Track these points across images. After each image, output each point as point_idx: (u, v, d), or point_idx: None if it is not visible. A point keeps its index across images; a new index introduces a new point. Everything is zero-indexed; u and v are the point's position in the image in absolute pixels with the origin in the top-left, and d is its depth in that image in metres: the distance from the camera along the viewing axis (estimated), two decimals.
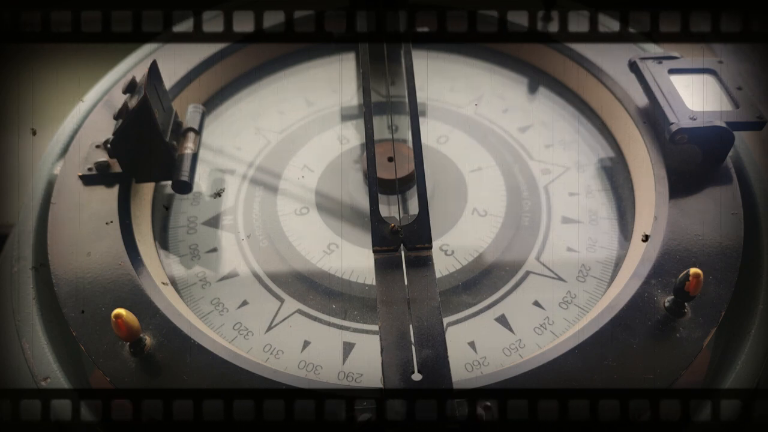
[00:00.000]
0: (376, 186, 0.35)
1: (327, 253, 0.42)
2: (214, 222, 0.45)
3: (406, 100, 0.53)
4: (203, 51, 0.51)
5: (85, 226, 0.39)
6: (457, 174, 0.47)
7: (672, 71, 0.42)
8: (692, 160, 0.40)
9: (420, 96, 0.53)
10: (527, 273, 0.41)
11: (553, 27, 0.52)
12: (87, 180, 0.41)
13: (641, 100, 0.45)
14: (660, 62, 0.43)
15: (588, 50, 0.49)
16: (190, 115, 0.43)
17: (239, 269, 0.42)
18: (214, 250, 0.43)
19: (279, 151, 0.50)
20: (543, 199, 0.46)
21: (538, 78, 0.53)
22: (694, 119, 0.38)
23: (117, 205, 0.40)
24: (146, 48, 0.52)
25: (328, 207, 0.45)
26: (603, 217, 0.44)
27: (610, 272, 0.41)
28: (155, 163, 0.40)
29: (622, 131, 0.46)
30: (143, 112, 0.37)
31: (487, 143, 0.49)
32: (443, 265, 0.41)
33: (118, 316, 0.30)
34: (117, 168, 0.41)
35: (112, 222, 0.38)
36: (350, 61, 0.56)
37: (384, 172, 0.43)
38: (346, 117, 0.52)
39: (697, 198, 0.39)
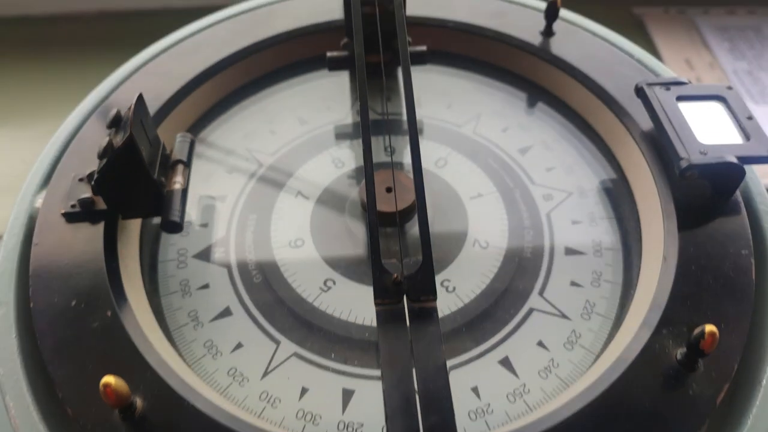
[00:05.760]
0: (377, 232, 0.33)
1: (323, 290, 0.41)
2: (205, 255, 0.43)
3: (403, 117, 0.51)
4: (189, 69, 0.49)
5: (70, 271, 0.37)
6: (457, 201, 0.45)
7: (680, 98, 0.41)
8: (701, 193, 0.39)
9: (417, 113, 0.51)
10: (531, 310, 0.40)
11: (555, 42, 0.50)
12: (70, 217, 0.39)
13: (647, 124, 0.43)
14: (668, 88, 0.41)
15: (593, 69, 0.47)
16: (178, 146, 0.41)
17: (233, 307, 0.41)
18: (206, 286, 0.42)
19: (271, 175, 0.47)
20: (545, 228, 0.44)
21: (538, 95, 0.51)
22: (705, 154, 0.37)
23: (103, 245, 0.38)
24: (129, 65, 0.50)
25: (324, 238, 0.43)
26: (607, 248, 0.43)
27: (615, 309, 0.40)
28: (142, 200, 0.38)
29: (626, 158, 0.45)
30: (129, 152, 0.35)
31: (487, 166, 0.48)
32: (445, 303, 0.40)
33: (106, 385, 0.28)
34: (102, 204, 0.39)
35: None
36: (344, 74, 0.54)
37: (383, 203, 0.41)
38: (340, 136, 0.50)
39: (706, 236, 0.37)
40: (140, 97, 0.36)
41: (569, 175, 0.47)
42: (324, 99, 0.53)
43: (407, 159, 0.48)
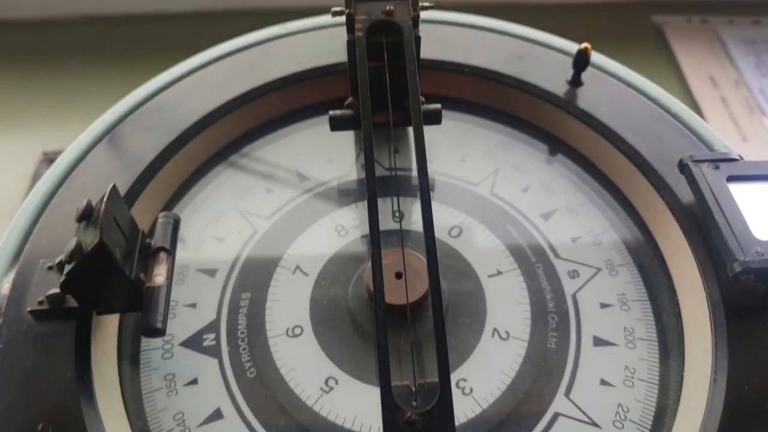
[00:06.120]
0: (388, 361, 0.29)
1: (325, 391, 0.36)
2: (193, 342, 0.39)
3: (413, 173, 0.47)
4: (176, 124, 0.43)
5: (38, 384, 0.32)
6: (474, 280, 0.41)
7: (731, 179, 0.36)
8: (752, 291, 0.35)
9: (428, 168, 0.46)
10: (556, 415, 0.36)
11: (584, 94, 0.45)
12: (38, 316, 0.34)
13: (688, 197, 0.39)
14: (717, 167, 0.36)
15: (626, 128, 0.42)
16: (160, 228, 0.36)
17: (224, 409, 0.36)
18: (194, 381, 0.37)
19: (267, 244, 0.43)
20: (572, 312, 0.40)
21: (562, 151, 0.46)
22: (762, 254, 0.32)
23: (74, 351, 0.33)
24: (105, 118, 0.44)
25: (326, 326, 0.39)
26: (641, 338, 0.38)
27: (650, 417, 0.36)
28: (118, 296, 0.34)
29: (664, 236, 0.40)
30: (100, 257, 0.30)
31: (507, 236, 0.43)
32: (460, 409, 0.36)
33: None
34: (73, 301, 0.34)
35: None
36: None
37: (392, 293, 0.37)
38: (344, 194, 0.46)
39: (761, 347, 0.33)
40: (113, 189, 0.31)
41: (597, 247, 0.42)
42: (325, 149, 0.48)
43: (417, 225, 0.44)
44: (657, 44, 0.91)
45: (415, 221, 0.44)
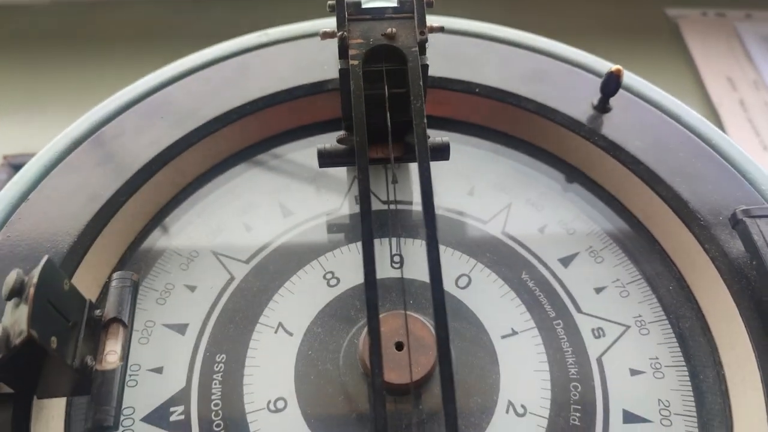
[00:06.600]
0: None
1: None
2: (158, 417, 0.33)
3: (413, 207, 0.41)
4: (140, 153, 0.37)
5: None
6: (486, 344, 0.35)
7: None
8: None
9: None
10: None
11: (612, 121, 0.39)
12: None
13: (737, 250, 0.33)
14: None
15: (664, 166, 0.37)
16: (114, 294, 0.30)
17: None
18: None
19: (245, 293, 0.37)
20: (597, 380, 0.34)
21: (585, 185, 0.41)
22: None
23: None
24: (55, 147, 0.38)
25: (313, 399, 0.33)
26: (678, 413, 0.33)
27: None
28: (60, 382, 0.28)
29: (706, 294, 0.34)
30: (31, 349, 0.24)
31: (522, 287, 0.37)
32: None
33: None
34: (7, 387, 0.28)
35: None
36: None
37: (392, 369, 0.31)
38: (333, 233, 0.40)
39: None
40: (47, 263, 0.25)
41: (625, 300, 0.37)
42: (313, 178, 0.42)
43: (419, 272, 0.38)
44: (671, 40, 0.85)
45: (417, 267, 0.38)
